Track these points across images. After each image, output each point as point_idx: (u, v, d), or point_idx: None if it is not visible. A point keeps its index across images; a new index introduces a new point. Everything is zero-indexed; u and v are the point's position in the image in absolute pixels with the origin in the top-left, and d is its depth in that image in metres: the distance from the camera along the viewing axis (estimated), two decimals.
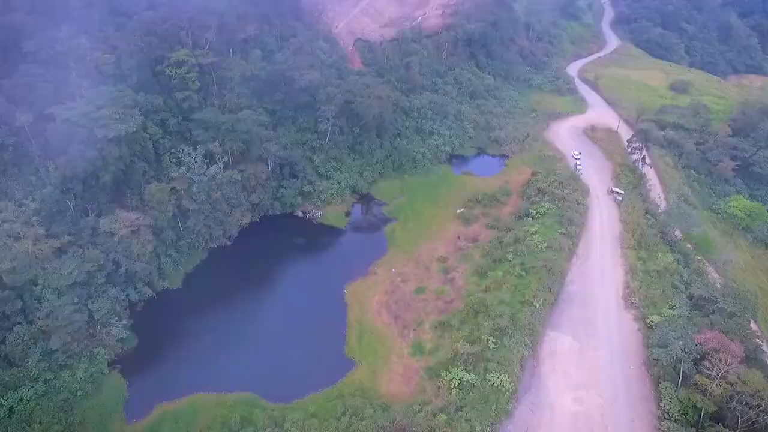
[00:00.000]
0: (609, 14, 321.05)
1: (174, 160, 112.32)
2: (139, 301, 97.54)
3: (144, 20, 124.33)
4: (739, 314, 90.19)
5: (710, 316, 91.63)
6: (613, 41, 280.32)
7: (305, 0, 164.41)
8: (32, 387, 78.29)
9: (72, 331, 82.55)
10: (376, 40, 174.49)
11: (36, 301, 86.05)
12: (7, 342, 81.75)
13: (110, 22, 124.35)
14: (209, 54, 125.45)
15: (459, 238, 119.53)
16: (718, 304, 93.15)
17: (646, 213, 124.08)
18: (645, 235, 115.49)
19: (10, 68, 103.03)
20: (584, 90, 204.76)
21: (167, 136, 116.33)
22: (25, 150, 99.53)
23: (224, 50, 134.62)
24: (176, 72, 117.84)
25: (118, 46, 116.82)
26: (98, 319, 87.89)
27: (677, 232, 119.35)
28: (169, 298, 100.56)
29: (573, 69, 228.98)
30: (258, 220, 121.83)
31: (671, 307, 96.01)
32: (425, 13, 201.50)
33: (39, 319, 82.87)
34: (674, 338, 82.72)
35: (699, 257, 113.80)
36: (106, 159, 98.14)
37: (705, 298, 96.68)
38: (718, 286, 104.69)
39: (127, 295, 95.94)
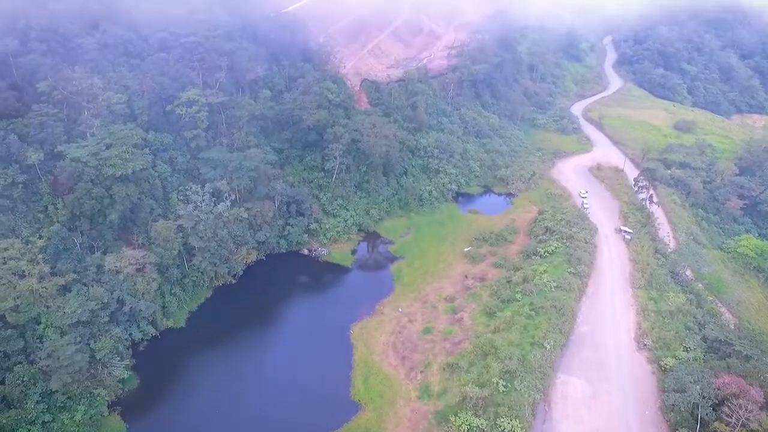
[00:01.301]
0: (611, 55, 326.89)
1: (182, 197, 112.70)
2: (142, 340, 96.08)
3: (156, 61, 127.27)
4: (756, 357, 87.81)
5: (727, 359, 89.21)
6: (615, 82, 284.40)
7: (314, 41, 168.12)
8: (29, 430, 76.29)
9: (73, 371, 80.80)
10: (382, 80, 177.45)
11: (38, 341, 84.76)
12: (6, 382, 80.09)
13: (123, 63, 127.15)
14: (219, 94, 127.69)
15: (466, 277, 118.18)
16: (734, 347, 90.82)
17: (656, 252, 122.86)
18: (655, 274, 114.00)
19: (24, 108, 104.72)
20: (589, 129, 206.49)
21: (175, 174, 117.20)
22: (35, 187, 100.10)
23: (234, 90, 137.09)
24: (186, 111, 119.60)
25: (130, 86, 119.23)
26: (100, 359, 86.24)
27: (688, 272, 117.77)
28: (172, 337, 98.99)
29: (577, 109, 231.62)
30: (264, 258, 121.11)
31: (685, 350, 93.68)
32: (431, 55, 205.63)
33: (40, 359, 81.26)
34: (691, 382, 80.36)
35: (711, 298, 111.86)
36: (114, 197, 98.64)
37: (720, 340, 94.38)
38: (733, 327, 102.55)
39: (130, 335, 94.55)
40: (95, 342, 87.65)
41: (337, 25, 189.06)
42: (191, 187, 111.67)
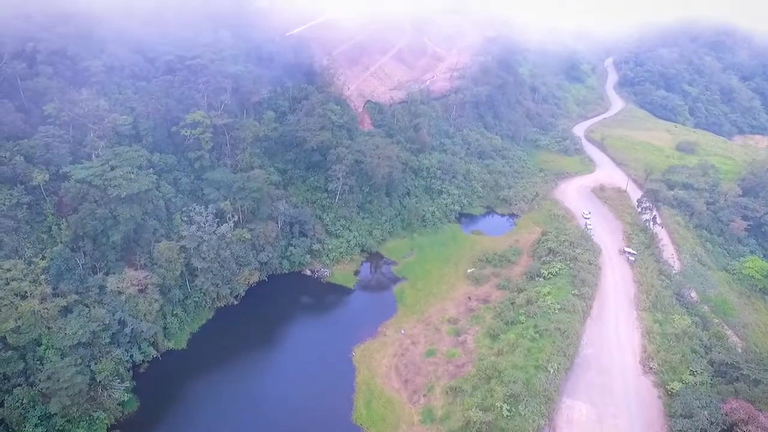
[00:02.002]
0: (612, 77, 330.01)
1: (185, 218, 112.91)
2: (143, 362, 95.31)
3: (162, 83, 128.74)
4: (765, 382, 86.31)
5: (734, 383, 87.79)
6: (617, 103, 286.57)
7: (318, 64, 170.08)
8: None
9: (72, 394, 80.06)
10: (385, 102, 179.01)
11: (38, 362, 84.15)
12: (5, 405, 79.35)
13: (129, 85, 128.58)
14: (223, 115, 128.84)
15: (470, 298, 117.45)
16: (741, 371, 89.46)
17: (660, 274, 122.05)
18: (660, 296, 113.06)
19: (30, 129, 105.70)
20: (591, 150, 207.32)
21: (179, 195, 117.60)
22: (39, 208, 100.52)
23: (238, 111, 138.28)
24: (191, 132, 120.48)
25: (135, 108, 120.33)
26: (100, 381, 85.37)
27: (693, 294, 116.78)
28: (173, 359, 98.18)
29: (579, 130, 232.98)
30: (266, 278, 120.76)
31: (692, 373, 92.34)
32: (433, 77, 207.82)
33: (40, 381, 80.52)
34: (698, 407, 79.08)
35: (717, 320, 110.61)
36: (118, 218, 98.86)
37: (727, 363, 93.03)
38: (740, 350, 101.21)
39: (131, 356, 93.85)
40: (96, 364, 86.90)
41: (340, 48, 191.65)
42: (194, 208, 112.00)
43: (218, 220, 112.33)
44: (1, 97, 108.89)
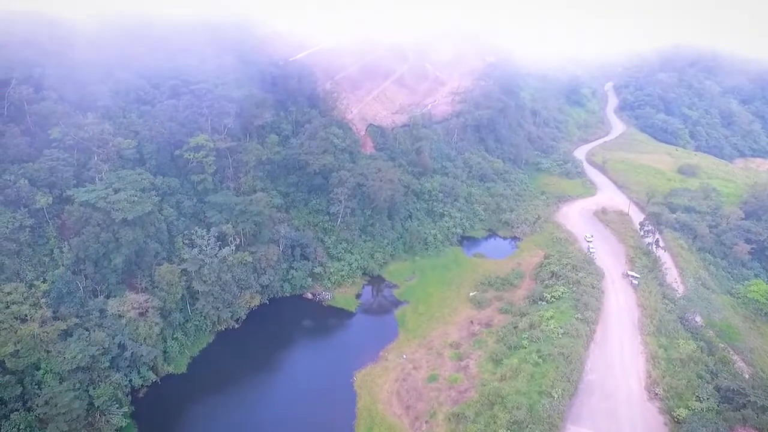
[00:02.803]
0: (613, 101, 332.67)
1: (187, 241, 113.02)
2: (141, 386, 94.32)
3: (166, 107, 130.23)
4: None
5: (741, 410, 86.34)
6: (618, 126, 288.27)
7: (321, 88, 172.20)
8: None
9: (70, 419, 79.22)
10: (387, 125, 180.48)
11: (36, 387, 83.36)
12: (2, 430, 78.32)
13: (134, 109, 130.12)
14: (227, 139, 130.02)
15: (472, 322, 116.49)
16: (748, 398, 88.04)
17: (664, 298, 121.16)
18: (664, 320, 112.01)
19: (35, 153, 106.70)
20: (592, 173, 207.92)
21: (181, 218, 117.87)
22: (42, 231, 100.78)
23: (241, 135, 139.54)
24: (194, 156, 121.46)
25: (140, 132, 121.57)
26: (98, 406, 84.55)
27: (698, 318, 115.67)
28: (172, 383, 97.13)
29: (580, 153, 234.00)
30: (267, 301, 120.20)
31: (698, 399, 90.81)
32: (435, 101, 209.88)
33: (38, 406, 79.84)
34: None
35: (723, 345, 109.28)
36: (120, 240, 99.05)
37: (734, 390, 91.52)
38: (747, 376, 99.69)
39: (130, 381, 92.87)
40: (94, 388, 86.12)
41: (343, 73, 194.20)
42: (196, 231, 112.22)
43: (220, 243, 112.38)
44: (7, 121, 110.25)
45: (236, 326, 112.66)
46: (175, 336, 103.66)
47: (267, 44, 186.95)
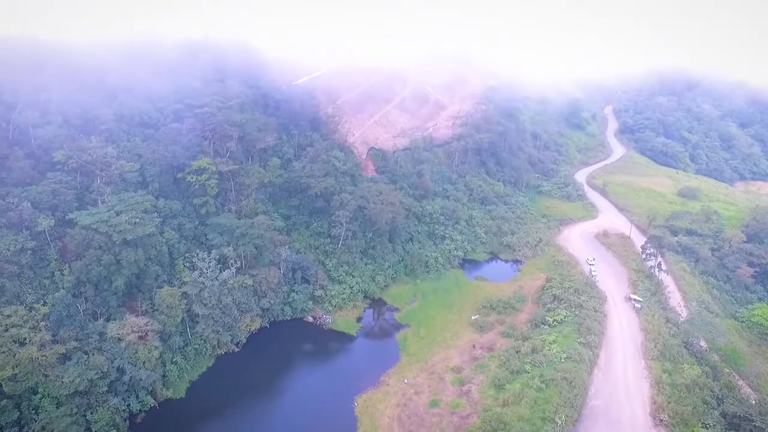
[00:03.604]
0: (612, 124, 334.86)
1: (188, 264, 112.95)
2: (140, 411, 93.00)
3: (170, 131, 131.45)
4: None
5: None
6: (618, 150, 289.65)
7: (323, 112, 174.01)
8: None
9: None
10: (389, 148, 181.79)
11: (33, 412, 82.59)
12: None
13: (138, 132, 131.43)
14: (229, 162, 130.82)
15: (474, 346, 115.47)
16: (755, 423, 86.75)
17: (667, 321, 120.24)
18: (668, 345, 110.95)
19: (39, 176, 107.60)
20: (593, 196, 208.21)
21: (183, 240, 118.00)
22: (43, 253, 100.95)
23: (244, 158, 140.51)
24: (197, 179, 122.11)
25: (143, 155, 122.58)
26: None
27: (702, 343, 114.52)
28: (171, 408, 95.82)
29: (581, 176, 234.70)
30: (267, 325, 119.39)
31: (704, 426, 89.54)
32: (436, 124, 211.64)
33: (34, 431, 78.79)
34: None
35: (728, 370, 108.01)
36: (121, 263, 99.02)
37: (740, 416, 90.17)
38: (753, 402, 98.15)
39: (128, 405, 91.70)
40: (92, 413, 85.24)
41: (345, 97, 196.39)
42: (197, 254, 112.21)
43: (221, 265, 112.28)
44: (12, 144, 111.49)
45: (236, 350, 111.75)
46: (174, 360, 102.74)
47: (270, 69, 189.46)
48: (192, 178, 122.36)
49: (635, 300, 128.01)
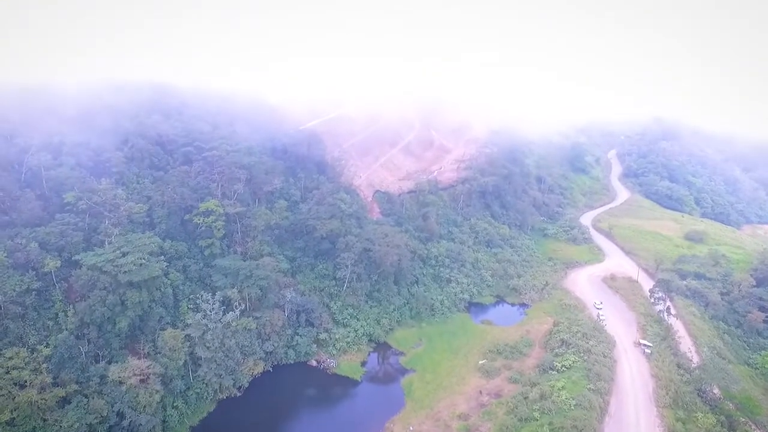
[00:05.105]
0: (616, 168, 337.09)
1: (192, 305, 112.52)
2: None
3: (179, 173, 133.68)
4: None
5: None
6: (623, 193, 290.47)
7: (329, 155, 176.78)
8: None
9: None
10: (394, 191, 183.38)
11: None
12: None
13: (147, 175, 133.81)
14: (236, 204, 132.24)
15: (481, 392, 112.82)
16: None
17: (679, 367, 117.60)
18: (680, 392, 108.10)
19: (48, 217, 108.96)
20: (599, 239, 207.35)
21: (187, 282, 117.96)
22: (48, 294, 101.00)
23: (251, 200, 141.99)
24: (204, 221, 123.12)
25: (151, 197, 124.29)
26: None
27: (716, 390, 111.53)
28: None
29: (586, 219, 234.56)
30: (270, 369, 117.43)
31: None
32: (441, 168, 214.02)
33: None
34: None
35: (744, 419, 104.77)
36: (126, 304, 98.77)
37: None
38: None
39: None
40: None
41: (351, 140, 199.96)
42: (202, 295, 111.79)
43: (224, 307, 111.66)
44: (24, 186, 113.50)
45: (238, 394, 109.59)
46: (175, 404, 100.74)
47: (278, 113, 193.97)
48: (199, 220, 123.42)
49: (645, 345, 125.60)
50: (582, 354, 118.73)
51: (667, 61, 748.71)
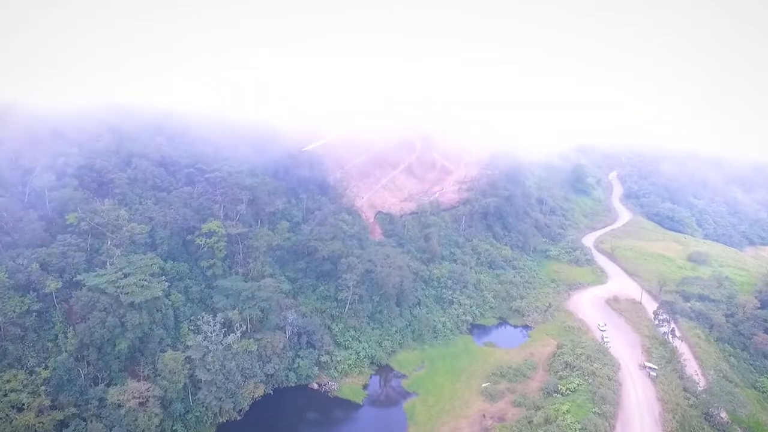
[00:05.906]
0: (618, 190, 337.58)
1: (192, 327, 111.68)
2: None
3: (181, 194, 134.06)
4: None
5: None
6: (624, 215, 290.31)
7: (331, 177, 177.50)
8: None
9: None
10: (396, 212, 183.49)
11: None
12: None
13: (150, 196, 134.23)
14: (239, 225, 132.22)
15: (484, 416, 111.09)
16: None
17: (685, 391, 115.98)
18: (687, 416, 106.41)
19: (50, 238, 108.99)
20: (602, 261, 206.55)
21: (188, 303, 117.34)
22: (48, 315, 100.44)
23: (253, 221, 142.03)
24: (206, 242, 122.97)
25: (154, 218, 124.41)
26: None
27: (723, 414, 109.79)
28: None
29: (588, 240, 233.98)
30: (271, 392, 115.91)
31: None
32: (443, 189, 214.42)
33: None
34: None
35: None
36: (126, 326, 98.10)
37: None
38: None
39: None
40: None
41: (353, 162, 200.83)
42: (203, 317, 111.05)
43: (225, 329, 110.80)
44: (27, 207, 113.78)
45: (238, 418, 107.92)
46: (174, 428, 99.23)
47: (281, 135, 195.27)
48: (201, 241, 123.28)
49: (650, 368, 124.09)
50: (586, 377, 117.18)
51: (666, 87, 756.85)
